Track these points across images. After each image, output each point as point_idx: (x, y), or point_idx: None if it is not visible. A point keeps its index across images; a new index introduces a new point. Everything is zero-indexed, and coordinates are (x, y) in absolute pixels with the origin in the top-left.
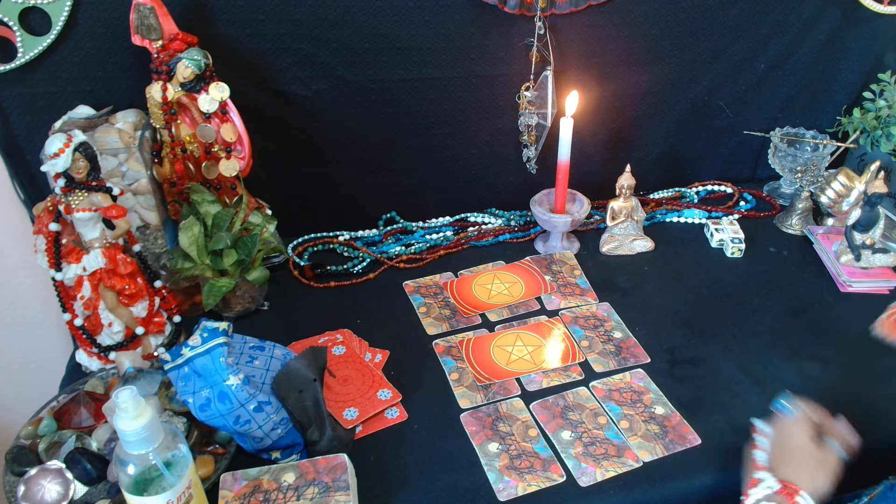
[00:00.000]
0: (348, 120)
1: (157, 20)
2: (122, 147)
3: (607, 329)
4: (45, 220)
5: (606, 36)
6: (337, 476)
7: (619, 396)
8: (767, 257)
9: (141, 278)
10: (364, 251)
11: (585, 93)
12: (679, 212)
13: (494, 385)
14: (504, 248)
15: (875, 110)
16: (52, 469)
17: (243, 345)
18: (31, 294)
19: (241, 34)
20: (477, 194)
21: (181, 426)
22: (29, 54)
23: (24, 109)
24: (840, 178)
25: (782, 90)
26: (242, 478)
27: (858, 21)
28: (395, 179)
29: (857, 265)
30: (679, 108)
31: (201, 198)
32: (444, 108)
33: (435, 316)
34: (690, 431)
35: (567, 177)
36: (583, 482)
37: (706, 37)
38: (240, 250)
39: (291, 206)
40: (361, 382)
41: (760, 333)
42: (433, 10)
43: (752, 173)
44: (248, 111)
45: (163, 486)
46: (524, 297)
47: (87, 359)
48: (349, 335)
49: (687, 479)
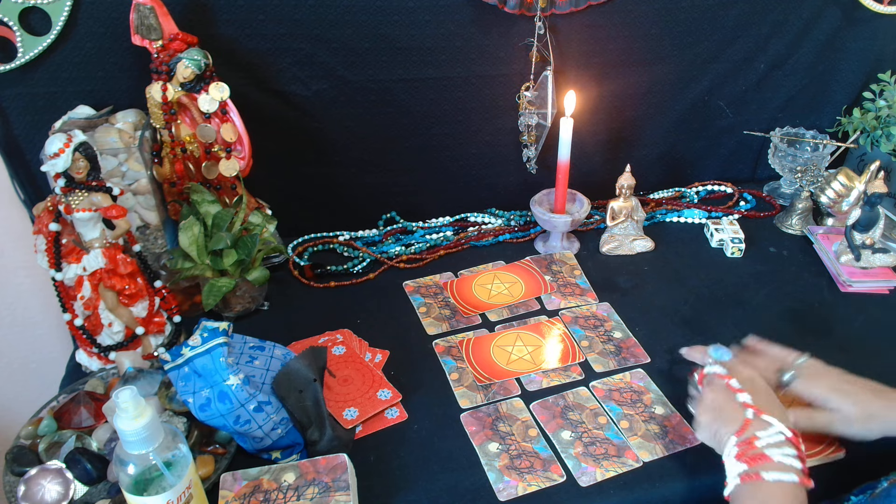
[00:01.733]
0: (348, 120)
1: (157, 20)
2: (122, 147)
3: (607, 329)
4: (45, 220)
5: (606, 36)
6: (337, 476)
7: (619, 396)
8: (767, 257)
9: (141, 278)
10: (364, 251)
11: (585, 93)
12: (679, 212)
13: (494, 385)
14: (504, 248)
15: (875, 110)
16: (52, 469)
17: (243, 345)
18: (31, 294)
19: (241, 34)
20: (477, 194)
21: (181, 426)
22: (29, 54)
23: (24, 109)
24: (840, 178)
25: (782, 90)
26: (242, 478)
27: (858, 21)
28: (395, 179)
29: (857, 265)
30: (679, 108)
31: (201, 198)
32: (444, 108)
33: (435, 316)
34: (690, 431)
35: (567, 177)
36: (583, 482)
37: (706, 37)
38: (240, 250)
39: (291, 206)
40: (361, 382)
41: (760, 333)
42: (433, 10)
43: (752, 173)
44: (248, 111)
45: (163, 486)
46: (524, 297)
47: (87, 359)
48: (349, 335)
49: (687, 479)
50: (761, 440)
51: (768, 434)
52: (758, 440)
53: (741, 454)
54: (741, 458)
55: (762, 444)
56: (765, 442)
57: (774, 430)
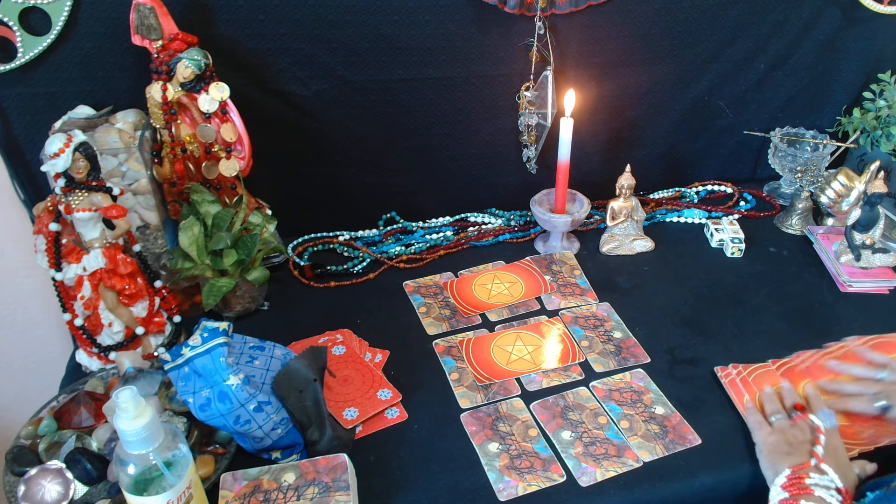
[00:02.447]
0: (348, 120)
1: (157, 20)
2: (122, 147)
3: (607, 329)
4: (45, 220)
5: (606, 36)
6: (337, 476)
7: (619, 396)
8: (767, 257)
9: (141, 278)
10: (364, 251)
11: (585, 93)
12: (679, 212)
13: (494, 385)
14: (504, 248)
15: (875, 110)
16: (52, 469)
17: (243, 345)
18: (31, 294)
19: (241, 34)
20: (477, 194)
21: (181, 426)
22: (29, 54)
23: (24, 109)
24: (840, 178)
25: (782, 90)
26: (242, 478)
27: (858, 21)
28: (395, 179)
29: (857, 265)
30: (679, 108)
31: (201, 198)
32: (444, 108)
33: (435, 316)
34: (690, 431)
35: (567, 177)
36: (583, 482)
37: (706, 37)
38: (240, 250)
39: (291, 206)
40: (361, 382)
41: (760, 333)
42: (433, 10)
43: (752, 173)
44: (248, 111)
45: (163, 485)
46: (524, 297)
47: (87, 359)
48: (349, 335)
49: (687, 479)
50: (812, 479)
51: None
52: (809, 479)
53: (788, 485)
54: (786, 488)
55: (811, 483)
56: (815, 482)
57: (828, 478)
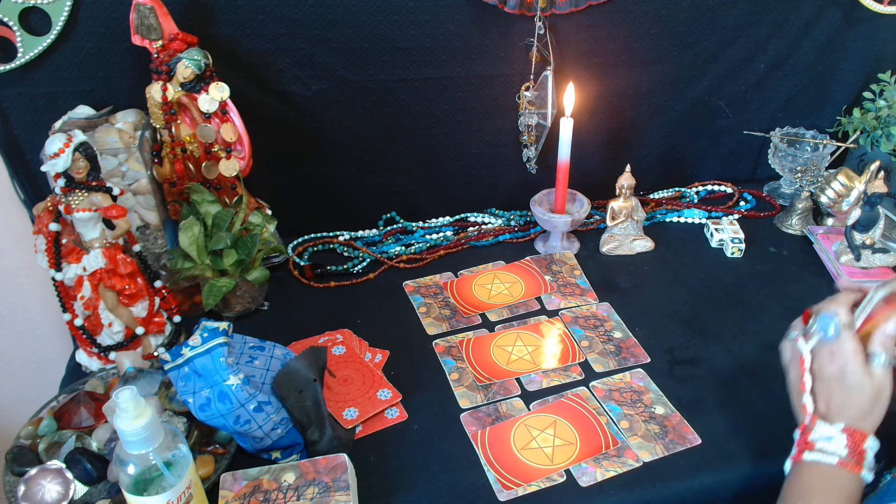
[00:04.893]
0: (348, 120)
1: (157, 20)
2: (122, 147)
3: (607, 329)
4: (45, 220)
5: (606, 36)
6: (337, 476)
7: (619, 396)
8: (767, 257)
9: (141, 278)
10: (364, 251)
11: (585, 93)
12: (679, 212)
13: (494, 385)
14: (504, 248)
15: (875, 110)
16: (52, 469)
17: (243, 345)
18: (31, 294)
19: (241, 34)
20: (477, 194)
21: (181, 426)
22: (29, 54)
23: (24, 109)
24: (840, 178)
25: (782, 90)
26: (242, 478)
27: (858, 21)
28: (395, 179)
29: (857, 265)
30: (679, 108)
31: (201, 198)
32: (444, 108)
33: (435, 316)
34: (690, 431)
35: (567, 177)
36: (583, 482)
37: (706, 37)
38: (240, 250)
39: (291, 206)
40: (361, 382)
41: (760, 333)
42: (433, 10)
43: (752, 173)
44: (248, 111)
45: (163, 486)
46: (524, 297)
47: (87, 359)
48: (349, 335)
49: (687, 479)
50: (814, 433)
51: (819, 434)
52: (811, 434)
53: (798, 442)
54: (796, 446)
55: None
56: (817, 435)
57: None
